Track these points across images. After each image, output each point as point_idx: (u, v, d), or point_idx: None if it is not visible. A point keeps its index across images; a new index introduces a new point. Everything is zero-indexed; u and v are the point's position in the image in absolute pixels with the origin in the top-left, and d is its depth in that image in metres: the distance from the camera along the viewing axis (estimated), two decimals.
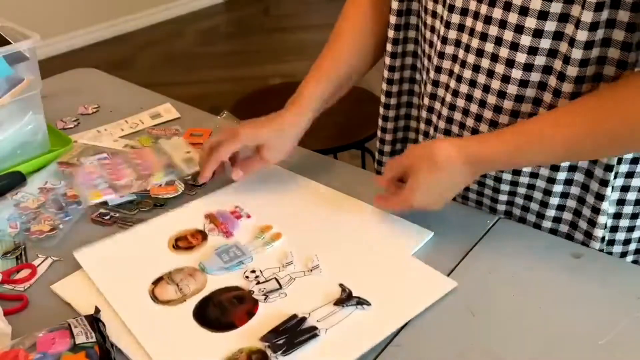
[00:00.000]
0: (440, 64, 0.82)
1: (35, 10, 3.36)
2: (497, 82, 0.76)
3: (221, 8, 4.44)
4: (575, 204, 0.80)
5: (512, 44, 0.73)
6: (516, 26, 0.71)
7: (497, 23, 0.73)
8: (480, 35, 0.75)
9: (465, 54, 0.78)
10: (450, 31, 0.79)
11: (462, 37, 0.78)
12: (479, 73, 0.77)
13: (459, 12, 0.77)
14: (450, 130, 0.84)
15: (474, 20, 0.76)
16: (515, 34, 0.72)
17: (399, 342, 0.66)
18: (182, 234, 0.83)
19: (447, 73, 0.82)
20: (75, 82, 1.30)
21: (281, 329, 0.66)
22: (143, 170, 0.94)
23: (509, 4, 0.71)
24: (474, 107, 0.79)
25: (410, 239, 0.80)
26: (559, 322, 0.68)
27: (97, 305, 0.69)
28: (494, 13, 0.73)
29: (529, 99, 0.75)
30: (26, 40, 0.92)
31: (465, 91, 0.80)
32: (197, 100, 1.83)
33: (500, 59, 0.74)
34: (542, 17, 0.69)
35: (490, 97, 0.77)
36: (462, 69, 0.79)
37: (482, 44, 0.76)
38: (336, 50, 0.93)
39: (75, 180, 0.92)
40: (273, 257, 0.78)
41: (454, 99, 0.81)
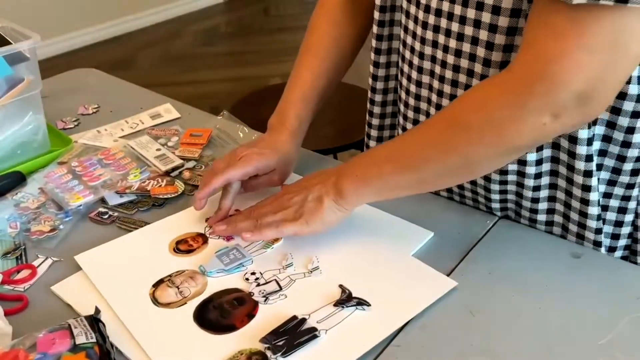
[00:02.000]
0: (420, 64, 0.82)
1: (35, 10, 3.36)
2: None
3: (221, 8, 4.44)
4: (564, 197, 0.80)
5: (487, 43, 0.72)
6: (490, 25, 0.71)
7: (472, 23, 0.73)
8: (457, 35, 0.75)
9: (445, 54, 0.78)
10: (427, 32, 0.79)
11: (439, 38, 0.78)
12: (459, 73, 0.77)
13: (434, 13, 0.77)
14: None
15: (448, 21, 0.75)
16: (490, 33, 0.72)
17: (399, 342, 0.66)
18: (183, 237, 0.83)
19: (428, 73, 0.82)
20: (75, 82, 1.30)
21: (281, 331, 0.66)
22: (117, 170, 0.95)
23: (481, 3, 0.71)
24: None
25: (410, 239, 0.80)
26: (559, 322, 0.68)
27: (97, 306, 0.69)
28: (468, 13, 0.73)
29: None
30: (26, 41, 0.92)
31: (449, 91, 0.79)
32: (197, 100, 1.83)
33: (478, 58, 0.74)
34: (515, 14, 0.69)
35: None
36: (443, 69, 0.79)
37: (460, 44, 0.75)
38: (316, 54, 0.93)
39: (47, 186, 0.92)
40: (273, 259, 0.78)
41: (439, 99, 0.81)
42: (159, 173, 0.95)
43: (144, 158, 0.99)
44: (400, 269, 0.76)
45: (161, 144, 1.03)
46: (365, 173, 0.75)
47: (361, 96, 1.80)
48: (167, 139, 1.05)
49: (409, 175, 0.73)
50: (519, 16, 0.69)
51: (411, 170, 0.73)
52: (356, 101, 1.79)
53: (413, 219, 0.83)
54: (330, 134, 1.62)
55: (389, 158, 0.74)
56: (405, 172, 0.73)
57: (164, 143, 1.03)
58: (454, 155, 0.69)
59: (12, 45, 0.91)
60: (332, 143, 1.55)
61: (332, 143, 1.55)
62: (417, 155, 0.72)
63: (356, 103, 1.78)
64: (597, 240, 0.79)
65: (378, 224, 0.83)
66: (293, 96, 0.92)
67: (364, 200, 0.79)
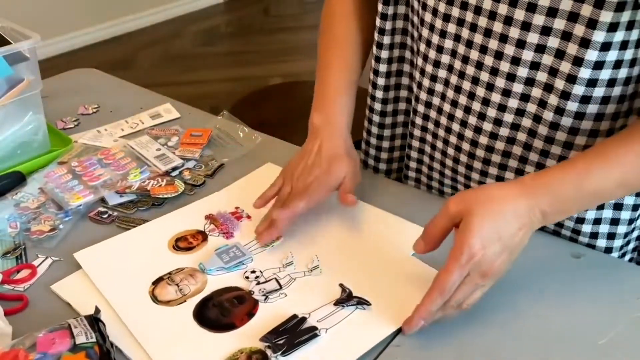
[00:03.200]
0: (435, 72, 0.82)
1: (35, 10, 3.36)
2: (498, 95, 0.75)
3: (221, 8, 4.44)
4: None
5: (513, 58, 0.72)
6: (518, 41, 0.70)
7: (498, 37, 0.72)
8: (480, 47, 0.74)
9: (464, 65, 0.77)
10: (446, 40, 0.78)
11: (458, 48, 0.77)
12: (477, 85, 0.77)
13: (455, 22, 0.76)
14: (448, 141, 0.84)
15: (470, 32, 0.75)
16: (517, 48, 0.71)
17: (399, 342, 0.66)
18: (183, 234, 0.83)
19: (442, 82, 0.81)
20: (75, 82, 1.30)
21: (281, 329, 0.66)
22: (117, 170, 0.95)
23: (510, 18, 0.70)
24: (473, 119, 0.79)
25: (410, 239, 0.80)
26: (559, 322, 0.68)
27: (97, 305, 0.69)
28: (494, 26, 0.72)
29: (529, 113, 0.75)
30: (26, 41, 0.92)
31: (464, 102, 0.79)
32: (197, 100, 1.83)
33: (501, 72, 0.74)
34: (545, 32, 0.69)
35: (489, 109, 0.77)
36: (461, 80, 0.78)
37: (482, 57, 0.75)
38: (343, 46, 0.89)
39: (47, 186, 0.92)
40: (273, 257, 0.78)
41: (453, 108, 0.81)
42: (159, 173, 0.95)
43: (143, 158, 0.99)
44: (400, 268, 0.76)
45: (161, 143, 1.03)
46: (566, 201, 0.66)
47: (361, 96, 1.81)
48: (167, 138, 1.05)
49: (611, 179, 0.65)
50: (548, 35, 0.69)
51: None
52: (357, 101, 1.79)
53: (413, 219, 0.83)
54: None
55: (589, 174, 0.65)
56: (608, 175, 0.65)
57: (164, 143, 1.03)
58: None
59: (12, 45, 0.91)
60: None
61: None
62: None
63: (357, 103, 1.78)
64: (591, 244, 0.80)
65: (378, 224, 0.84)
66: (331, 90, 0.87)
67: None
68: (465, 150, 0.82)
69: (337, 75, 0.88)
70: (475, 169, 0.83)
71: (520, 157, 0.79)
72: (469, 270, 0.62)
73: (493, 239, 0.61)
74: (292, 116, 1.76)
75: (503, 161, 0.80)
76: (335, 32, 0.91)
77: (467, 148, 0.82)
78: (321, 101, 0.87)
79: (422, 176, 0.94)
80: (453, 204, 0.64)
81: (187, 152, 1.01)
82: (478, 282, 0.63)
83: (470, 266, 0.61)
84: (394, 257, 0.78)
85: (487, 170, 0.82)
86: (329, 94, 0.87)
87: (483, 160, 0.81)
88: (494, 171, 0.81)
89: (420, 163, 0.93)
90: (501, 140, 0.78)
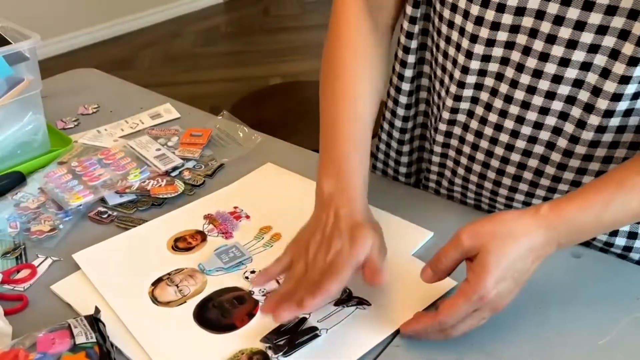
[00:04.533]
0: (460, 92, 0.78)
1: (35, 10, 3.36)
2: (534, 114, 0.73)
3: (221, 8, 4.44)
4: None
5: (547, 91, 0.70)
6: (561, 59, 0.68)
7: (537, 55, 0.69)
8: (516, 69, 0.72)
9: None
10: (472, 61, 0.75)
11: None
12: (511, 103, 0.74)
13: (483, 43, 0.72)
14: (474, 157, 0.82)
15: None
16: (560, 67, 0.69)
17: (398, 342, 0.66)
18: (181, 234, 0.83)
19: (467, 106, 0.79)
20: (75, 82, 1.30)
21: (282, 330, 0.66)
22: (117, 170, 0.95)
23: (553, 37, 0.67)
24: (504, 136, 0.77)
25: (410, 239, 0.80)
26: (559, 322, 0.68)
27: (97, 305, 0.69)
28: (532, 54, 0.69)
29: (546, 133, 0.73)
30: (26, 41, 0.92)
31: (495, 120, 0.77)
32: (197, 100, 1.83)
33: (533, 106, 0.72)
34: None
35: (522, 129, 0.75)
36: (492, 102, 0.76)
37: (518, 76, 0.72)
38: (352, 99, 0.77)
39: (47, 186, 0.92)
40: (273, 257, 0.78)
41: (482, 125, 0.79)
42: (159, 173, 0.95)
43: (143, 158, 0.99)
44: (400, 268, 0.76)
45: (161, 144, 1.03)
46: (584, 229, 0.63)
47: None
48: (167, 138, 1.05)
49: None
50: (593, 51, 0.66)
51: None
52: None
53: (413, 219, 0.83)
54: None
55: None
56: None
57: (163, 143, 1.03)
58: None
59: (12, 45, 0.91)
60: None
61: None
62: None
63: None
64: (609, 242, 0.79)
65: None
66: (342, 148, 0.74)
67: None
68: (494, 167, 0.81)
69: (347, 128, 0.75)
70: (504, 184, 0.81)
71: (554, 177, 0.77)
72: (479, 307, 0.61)
73: (507, 277, 0.60)
74: (292, 116, 1.75)
75: (534, 179, 0.78)
76: (342, 74, 0.78)
77: (496, 165, 0.80)
78: (330, 163, 0.73)
79: (443, 180, 0.91)
80: (467, 238, 0.61)
81: (187, 152, 1.01)
82: (485, 316, 0.63)
83: (480, 305, 0.60)
84: (394, 257, 0.77)
85: (517, 186, 0.80)
86: (339, 152, 0.73)
87: (513, 177, 0.80)
88: (524, 187, 0.80)
89: (441, 176, 0.90)
90: (534, 157, 0.77)
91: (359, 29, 0.80)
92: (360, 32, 0.80)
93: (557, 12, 0.66)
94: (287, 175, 0.95)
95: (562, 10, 0.65)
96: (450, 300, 0.61)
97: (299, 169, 0.95)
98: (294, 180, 0.93)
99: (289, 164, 0.96)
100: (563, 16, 0.65)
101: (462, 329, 0.62)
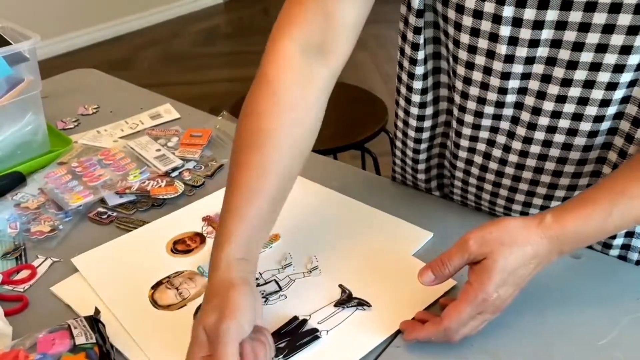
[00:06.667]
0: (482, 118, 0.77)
1: (35, 11, 3.36)
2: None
3: (221, 8, 4.44)
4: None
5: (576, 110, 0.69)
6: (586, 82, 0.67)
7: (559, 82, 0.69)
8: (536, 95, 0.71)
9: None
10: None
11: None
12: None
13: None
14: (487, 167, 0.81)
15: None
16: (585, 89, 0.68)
17: (399, 342, 0.66)
18: (180, 237, 0.82)
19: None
20: (75, 83, 1.30)
21: (283, 332, 0.66)
22: (116, 171, 0.95)
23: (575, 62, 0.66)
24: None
25: (410, 239, 0.80)
26: (559, 322, 0.68)
27: (97, 306, 0.68)
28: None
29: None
30: (26, 41, 0.92)
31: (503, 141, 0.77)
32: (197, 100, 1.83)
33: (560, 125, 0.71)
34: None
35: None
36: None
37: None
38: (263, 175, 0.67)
39: (47, 187, 0.92)
40: (272, 258, 0.78)
41: (510, 141, 0.77)
42: (159, 173, 0.95)
43: (143, 158, 0.99)
44: (400, 269, 0.76)
45: (161, 144, 1.03)
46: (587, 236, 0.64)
47: (361, 96, 1.81)
48: (167, 139, 1.05)
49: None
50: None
51: None
52: (356, 101, 1.79)
53: (413, 219, 0.83)
54: (330, 134, 1.62)
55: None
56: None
57: (163, 143, 1.03)
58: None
59: (12, 45, 0.91)
60: (332, 143, 1.55)
61: (332, 143, 1.55)
62: None
63: (356, 103, 1.78)
64: (607, 242, 0.80)
65: (378, 225, 0.83)
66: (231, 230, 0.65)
67: None
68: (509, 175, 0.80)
69: (244, 212, 0.65)
70: (520, 190, 0.81)
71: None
72: (481, 311, 0.62)
73: (509, 282, 0.61)
74: None
75: (553, 180, 0.78)
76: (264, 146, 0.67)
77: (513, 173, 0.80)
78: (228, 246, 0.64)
79: (468, 186, 0.89)
80: (474, 244, 0.61)
81: (187, 152, 1.01)
82: (488, 318, 0.63)
83: (482, 308, 0.61)
84: (394, 257, 0.78)
85: (535, 190, 0.80)
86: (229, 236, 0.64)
87: (530, 182, 0.80)
88: (542, 190, 0.80)
89: (466, 184, 0.88)
90: (551, 160, 0.76)
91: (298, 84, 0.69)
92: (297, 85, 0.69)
93: (575, 39, 0.65)
94: None
95: (580, 36, 0.65)
96: (454, 305, 0.62)
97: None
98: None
99: None
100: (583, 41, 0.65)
101: (464, 333, 0.63)
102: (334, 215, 0.86)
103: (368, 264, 0.77)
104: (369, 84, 2.97)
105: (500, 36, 0.68)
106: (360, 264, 0.77)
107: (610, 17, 0.62)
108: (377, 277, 0.74)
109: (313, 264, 0.76)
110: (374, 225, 0.84)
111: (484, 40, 0.70)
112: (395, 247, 0.79)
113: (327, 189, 0.91)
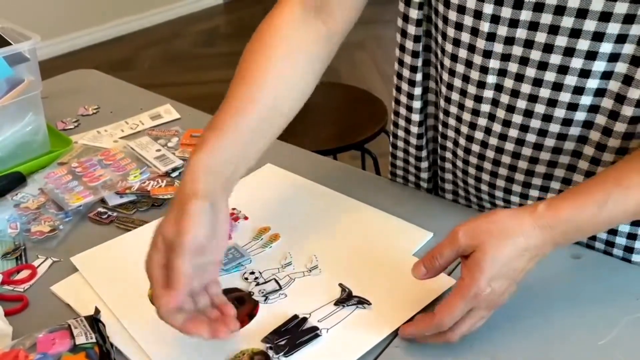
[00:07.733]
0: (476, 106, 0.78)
1: (35, 11, 3.36)
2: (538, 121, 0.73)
3: (221, 9, 4.44)
4: None
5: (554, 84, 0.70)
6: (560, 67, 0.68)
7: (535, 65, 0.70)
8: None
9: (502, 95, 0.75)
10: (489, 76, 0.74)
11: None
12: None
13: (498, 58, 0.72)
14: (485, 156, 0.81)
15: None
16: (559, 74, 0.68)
17: (398, 343, 0.66)
18: None
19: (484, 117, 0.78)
20: (75, 83, 1.30)
21: (283, 330, 0.67)
22: (117, 171, 0.95)
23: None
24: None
25: (410, 239, 0.80)
26: (559, 322, 0.68)
27: (97, 306, 0.69)
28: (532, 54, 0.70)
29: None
30: (26, 41, 0.92)
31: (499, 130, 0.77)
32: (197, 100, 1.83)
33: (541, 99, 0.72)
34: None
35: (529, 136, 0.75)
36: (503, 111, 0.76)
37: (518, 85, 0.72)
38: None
39: (47, 187, 0.92)
40: (272, 258, 0.78)
41: (498, 127, 0.78)
42: (159, 174, 0.96)
43: (144, 159, 0.99)
44: (400, 268, 0.76)
45: (161, 144, 1.03)
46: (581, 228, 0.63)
47: (361, 97, 1.81)
48: (167, 139, 1.05)
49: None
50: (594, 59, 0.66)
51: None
52: (356, 102, 1.79)
53: (413, 219, 0.83)
54: (330, 134, 1.62)
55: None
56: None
57: (164, 144, 1.03)
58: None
59: (12, 46, 0.91)
60: (332, 144, 1.55)
61: (332, 144, 1.55)
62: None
63: (356, 104, 1.78)
64: (609, 240, 0.79)
65: (378, 225, 0.84)
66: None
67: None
68: (505, 164, 0.80)
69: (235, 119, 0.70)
70: (517, 180, 0.81)
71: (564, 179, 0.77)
72: (474, 306, 0.61)
73: (502, 275, 0.60)
74: None
75: (548, 170, 0.78)
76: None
77: (507, 161, 0.80)
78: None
79: (459, 180, 0.90)
80: (463, 236, 0.61)
81: (187, 152, 1.01)
82: (483, 314, 0.63)
83: (475, 303, 0.60)
84: (393, 256, 0.78)
85: (531, 181, 0.80)
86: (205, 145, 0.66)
87: (526, 172, 0.79)
88: (537, 181, 0.79)
89: (455, 176, 0.89)
90: (546, 150, 0.76)
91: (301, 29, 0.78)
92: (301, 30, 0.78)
93: (573, 25, 0.65)
94: (286, 176, 0.95)
95: (578, 23, 0.65)
96: (446, 300, 0.62)
97: (298, 170, 0.95)
98: (292, 181, 0.93)
99: (288, 165, 0.96)
100: (580, 29, 0.65)
101: (461, 331, 0.63)
102: (334, 215, 0.86)
103: (368, 263, 0.77)
104: (369, 84, 2.96)
105: (480, 31, 0.70)
106: (360, 264, 0.77)
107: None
108: (377, 277, 0.74)
109: (313, 263, 0.77)
110: (374, 225, 0.84)
111: (466, 34, 0.72)
112: (396, 246, 0.79)
113: (327, 189, 0.91)
